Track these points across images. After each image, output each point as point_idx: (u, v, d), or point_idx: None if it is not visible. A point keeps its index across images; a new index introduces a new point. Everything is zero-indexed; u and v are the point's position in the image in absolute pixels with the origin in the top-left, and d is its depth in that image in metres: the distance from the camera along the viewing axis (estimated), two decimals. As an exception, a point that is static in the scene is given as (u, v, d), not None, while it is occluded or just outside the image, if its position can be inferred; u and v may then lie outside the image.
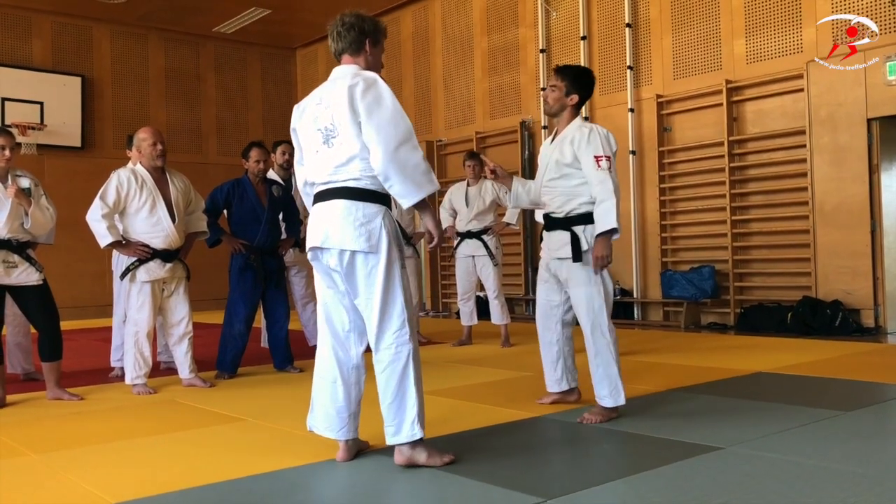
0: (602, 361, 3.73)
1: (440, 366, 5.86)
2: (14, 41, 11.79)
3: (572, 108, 3.86)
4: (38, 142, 11.53)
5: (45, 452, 3.50)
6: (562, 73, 3.87)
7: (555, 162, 3.82)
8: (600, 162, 3.69)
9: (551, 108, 3.89)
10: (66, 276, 10.42)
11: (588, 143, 3.72)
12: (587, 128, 3.81)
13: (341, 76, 3.10)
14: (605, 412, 3.73)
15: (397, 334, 3.00)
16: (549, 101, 3.88)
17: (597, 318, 3.75)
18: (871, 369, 5.17)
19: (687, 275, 8.46)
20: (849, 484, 2.69)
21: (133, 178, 4.95)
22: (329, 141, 3.04)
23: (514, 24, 10.69)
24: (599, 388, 3.74)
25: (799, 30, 7.85)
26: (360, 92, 2.95)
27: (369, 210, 3.01)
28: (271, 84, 14.07)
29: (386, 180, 2.95)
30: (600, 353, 3.74)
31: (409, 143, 2.96)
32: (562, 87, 3.83)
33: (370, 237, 2.98)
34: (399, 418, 2.97)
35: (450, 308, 11.42)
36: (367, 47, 3.16)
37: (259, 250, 5.59)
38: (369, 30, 3.17)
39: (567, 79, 3.84)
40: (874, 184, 7.37)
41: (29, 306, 4.75)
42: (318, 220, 3.08)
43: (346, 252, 2.99)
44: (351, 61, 3.16)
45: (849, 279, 7.45)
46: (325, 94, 3.10)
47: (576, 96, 3.84)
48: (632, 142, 9.21)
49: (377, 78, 3.03)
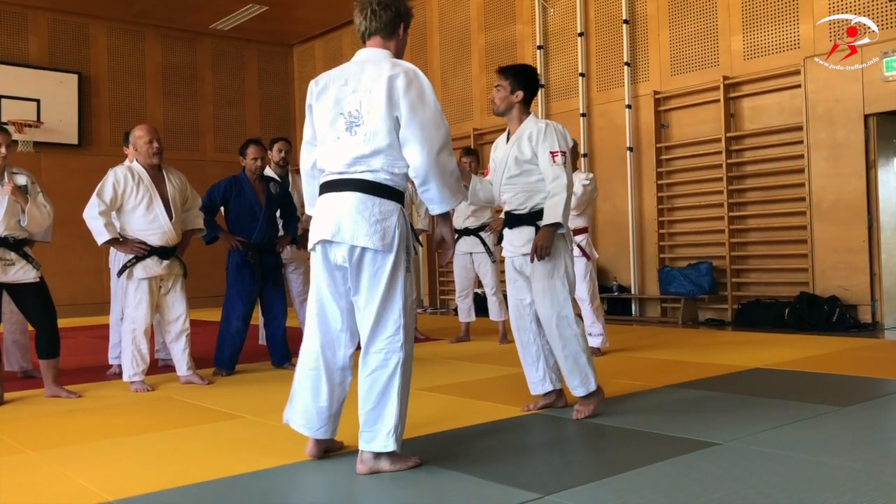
0: (571, 353, 3.71)
1: (438, 362, 5.86)
2: (10, 38, 11.76)
3: (520, 104, 3.88)
4: (35, 139, 11.51)
5: (42, 449, 3.50)
6: (503, 72, 3.89)
7: (514, 159, 3.81)
8: (556, 157, 3.70)
9: (499, 107, 3.91)
10: (64, 273, 10.41)
11: (545, 139, 3.75)
12: (543, 123, 3.83)
13: (372, 60, 2.92)
14: (589, 400, 3.74)
15: (389, 340, 2.87)
16: (495, 101, 3.90)
17: (562, 310, 3.71)
18: (868, 365, 5.19)
19: (684, 271, 8.47)
20: (845, 479, 2.70)
21: (130, 176, 4.94)
22: (352, 129, 2.87)
23: (511, 20, 10.68)
24: (570, 378, 3.74)
25: (796, 26, 7.85)
26: (402, 86, 2.80)
27: (386, 207, 2.86)
28: (268, 81, 14.06)
29: (424, 183, 2.84)
30: (568, 344, 3.71)
31: (448, 148, 2.87)
32: (505, 85, 3.86)
33: (384, 235, 2.84)
34: (376, 427, 2.86)
35: (448, 305, 11.43)
36: (400, 31, 3.00)
37: (256, 247, 5.59)
38: (404, 13, 3.01)
39: (509, 77, 3.86)
40: (871, 180, 7.38)
41: (26, 304, 4.75)
42: (329, 212, 2.90)
43: (356, 248, 2.85)
44: (381, 44, 2.98)
45: (846, 275, 7.46)
46: (351, 77, 2.91)
47: (520, 92, 3.85)
48: (629, 138, 9.21)
49: (418, 71, 2.88)
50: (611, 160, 9.43)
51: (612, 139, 9.41)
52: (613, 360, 5.68)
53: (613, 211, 9.38)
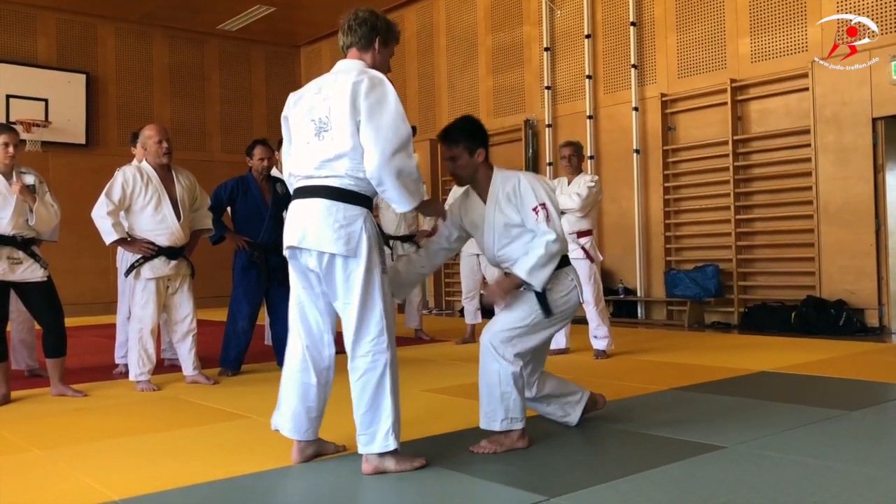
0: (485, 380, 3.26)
1: (444, 364, 5.86)
2: (19, 38, 11.81)
3: (483, 162, 3.38)
4: (43, 139, 11.55)
5: (48, 448, 3.51)
6: (451, 139, 3.36)
7: (503, 226, 3.35)
8: (538, 212, 3.27)
9: (464, 178, 3.42)
10: (71, 272, 10.44)
11: (523, 199, 3.30)
12: (512, 180, 3.36)
13: (345, 70, 3.01)
14: (497, 438, 3.28)
15: (374, 342, 2.90)
16: (459, 173, 3.40)
17: (503, 335, 3.26)
18: (875, 369, 5.17)
19: (691, 274, 8.45)
20: (853, 483, 2.69)
21: (138, 176, 4.95)
22: (321, 134, 2.94)
23: (518, 22, 10.68)
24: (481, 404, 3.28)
25: (804, 29, 7.83)
26: (364, 89, 2.86)
27: (350, 212, 2.90)
28: (275, 82, 14.08)
29: (379, 185, 2.88)
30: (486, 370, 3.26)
31: (406, 150, 2.88)
32: (461, 151, 3.34)
33: (349, 240, 2.88)
34: (373, 428, 2.89)
35: (453, 306, 11.42)
36: (376, 45, 3.07)
37: (262, 247, 5.60)
38: (381, 28, 3.09)
39: (462, 141, 3.34)
40: (879, 183, 7.35)
41: (33, 303, 4.76)
42: (295, 218, 2.99)
43: (324, 254, 2.91)
44: (357, 56, 3.07)
45: (853, 279, 7.43)
46: (325, 85, 3.00)
47: (482, 150, 3.37)
48: (636, 141, 9.20)
49: (384, 78, 2.94)
50: (617, 162, 9.42)
51: (619, 141, 9.40)
52: (619, 363, 5.67)
53: (620, 213, 9.37)
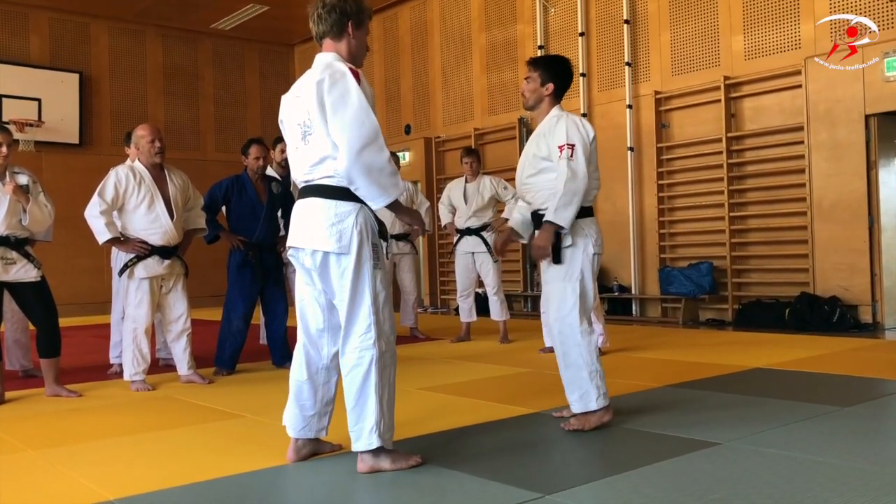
0: (572, 363, 3.49)
1: (439, 362, 5.87)
2: (11, 37, 11.77)
3: (550, 97, 3.63)
4: (36, 138, 11.52)
5: (43, 449, 3.51)
6: (535, 63, 3.67)
7: (532, 156, 3.61)
8: (562, 151, 3.44)
9: (528, 101, 3.68)
10: (65, 272, 10.42)
11: (554, 134, 3.52)
12: (557, 116, 3.60)
13: (316, 66, 2.98)
14: (587, 417, 3.48)
15: (362, 338, 2.88)
16: (525, 94, 3.68)
17: (567, 317, 3.49)
18: (869, 365, 5.19)
19: (685, 271, 8.47)
20: (846, 479, 2.70)
21: (131, 175, 4.95)
22: (306, 138, 2.94)
23: (512, 20, 10.68)
24: (569, 392, 3.52)
25: (797, 26, 7.85)
26: (326, 88, 2.83)
27: (342, 209, 2.89)
28: (269, 81, 14.06)
29: (351, 183, 2.84)
30: (568, 353, 3.50)
31: (375, 144, 2.81)
32: (536, 77, 3.62)
33: (341, 237, 2.87)
34: (359, 425, 2.88)
35: (448, 304, 11.43)
36: (349, 30, 3.00)
37: (258, 247, 5.59)
38: (352, 10, 3.00)
39: (540, 68, 3.63)
40: (872, 180, 7.38)
41: (27, 303, 4.75)
42: (295, 219, 3.02)
43: (318, 252, 2.91)
44: (332, 47, 3.01)
45: (846, 275, 7.46)
46: (303, 87, 2.97)
47: (551, 85, 3.61)
48: (630, 138, 9.21)
49: (346, 72, 2.86)
50: (611, 160, 9.42)
51: (613, 139, 9.40)
52: (614, 360, 5.68)
53: (614, 211, 9.38)
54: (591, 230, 3.55)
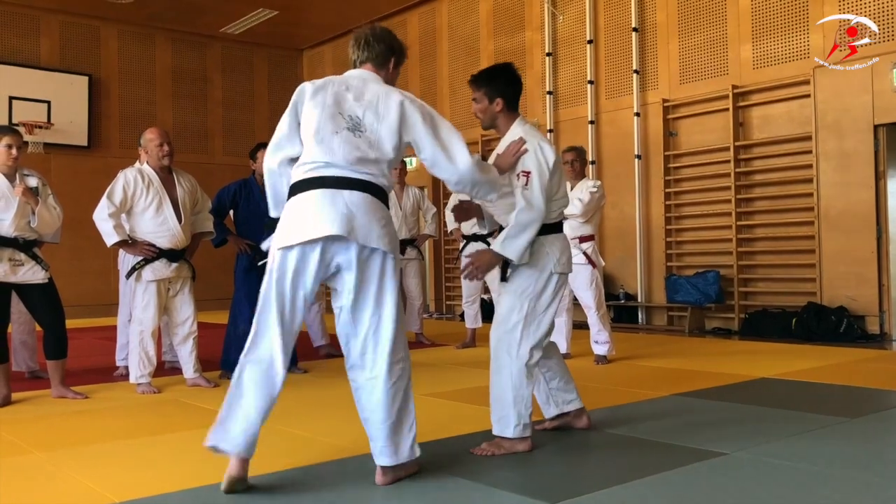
0: (497, 382, 3.27)
1: (444, 368, 5.86)
2: (22, 40, 11.83)
3: (503, 112, 3.46)
4: (45, 141, 11.57)
5: (49, 450, 3.52)
6: (476, 81, 3.46)
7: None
8: (518, 179, 3.29)
9: (483, 122, 3.53)
10: (72, 274, 10.45)
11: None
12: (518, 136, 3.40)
13: (372, 80, 3.00)
14: (501, 442, 3.27)
15: (405, 348, 2.89)
16: (478, 115, 3.53)
17: (507, 335, 3.28)
18: (876, 376, 5.16)
19: (691, 279, 8.45)
20: (853, 490, 2.69)
21: (140, 178, 4.96)
22: (356, 131, 2.86)
23: (520, 27, 10.69)
24: (492, 410, 3.30)
25: (806, 35, 7.84)
26: (418, 114, 2.89)
27: (387, 213, 2.91)
28: (278, 85, 14.11)
29: (473, 187, 2.98)
30: (498, 371, 3.28)
31: None
32: (481, 95, 3.44)
33: (391, 239, 2.85)
34: (398, 437, 2.83)
35: (453, 310, 11.42)
36: (391, 65, 3.09)
37: (265, 251, 5.59)
38: (397, 49, 3.10)
39: (483, 85, 3.43)
40: (880, 190, 7.36)
41: (35, 304, 4.77)
42: (335, 207, 2.74)
43: (366, 249, 2.78)
44: (373, 70, 3.05)
45: (854, 285, 7.43)
46: (353, 85, 2.95)
47: (500, 99, 3.42)
48: (637, 146, 9.21)
49: (421, 102, 3.01)
50: (619, 168, 9.43)
51: (621, 147, 9.41)
52: (620, 369, 5.67)
53: (621, 218, 9.37)
54: (554, 248, 3.36)
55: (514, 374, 3.24)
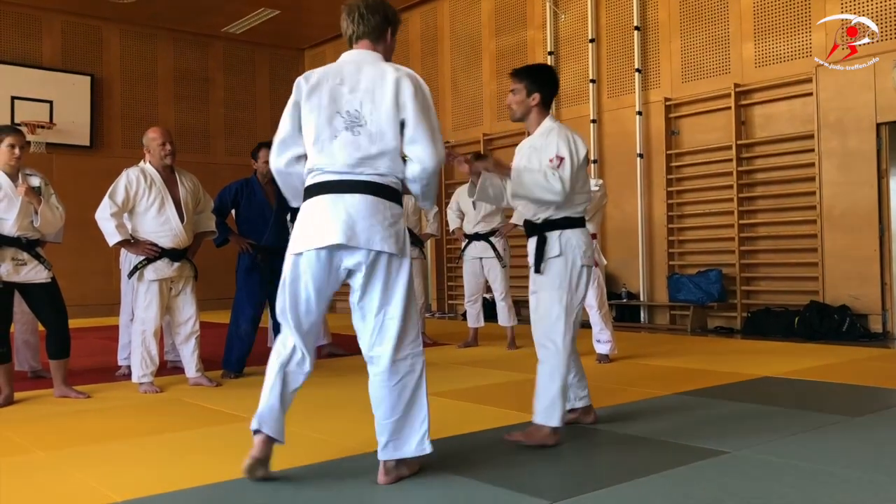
0: (546, 373, 3.40)
1: (446, 367, 5.86)
2: (24, 40, 11.85)
3: (537, 108, 3.61)
4: (48, 140, 11.59)
5: (51, 449, 3.52)
6: (519, 74, 3.64)
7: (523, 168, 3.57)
8: (552, 162, 3.44)
9: (515, 113, 3.65)
10: (74, 274, 10.44)
11: (546, 149, 3.51)
12: (549, 129, 3.57)
13: (367, 61, 2.89)
14: (538, 431, 3.38)
15: (414, 344, 2.85)
16: (512, 106, 3.65)
17: (551, 328, 3.41)
18: (879, 375, 5.16)
19: (694, 278, 8.44)
20: (856, 489, 2.69)
21: (142, 177, 4.97)
22: (354, 129, 2.80)
23: (522, 26, 10.69)
24: (537, 400, 3.41)
25: (808, 33, 7.83)
26: (410, 90, 2.81)
27: (395, 210, 2.84)
28: (280, 85, 14.11)
29: (427, 185, 2.90)
30: (546, 362, 3.41)
31: None
32: (521, 88, 3.60)
33: (398, 239, 2.80)
34: (406, 432, 2.82)
35: (455, 309, 11.42)
36: (388, 35, 2.99)
37: (266, 250, 5.60)
38: (392, 17, 3.00)
39: (525, 79, 3.61)
40: (883, 188, 7.35)
41: (37, 304, 4.77)
42: (335, 214, 2.76)
43: (372, 252, 2.77)
44: (370, 47, 2.95)
45: (856, 284, 7.42)
46: (347, 76, 2.86)
47: (538, 95, 3.58)
48: (639, 145, 9.20)
49: (419, 77, 2.89)
50: (621, 167, 9.42)
51: (623, 146, 9.40)
52: (622, 367, 5.67)
53: (623, 217, 9.37)
54: (580, 241, 3.50)
55: (561, 366, 3.39)
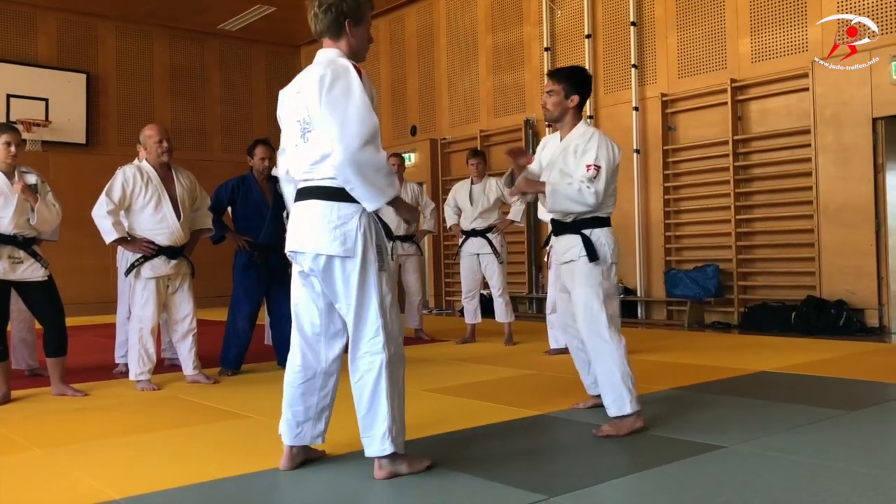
0: (602, 366, 3.53)
1: (444, 363, 5.87)
2: (19, 38, 11.81)
3: (574, 110, 3.71)
4: (43, 138, 11.56)
5: (49, 447, 3.52)
6: (558, 75, 3.74)
7: (559, 171, 3.68)
8: (588, 170, 3.55)
9: (552, 113, 3.72)
10: (71, 272, 10.43)
11: (585, 153, 3.60)
12: (589, 133, 3.68)
13: (317, 62, 2.90)
14: (621, 422, 3.48)
15: (371, 342, 2.83)
16: (548, 107, 3.72)
17: (595, 321, 3.56)
18: (875, 369, 5.17)
19: (691, 274, 8.45)
20: (852, 483, 2.69)
21: (139, 175, 4.96)
22: (305, 135, 2.86)
23: (518, 22, 10.68)
24: (603, 395, 3.55)
25: (804, 28, 7.83)
26: (328, 82, 2.75)
27: (345, 211, 2.82)
28: (276, 81, 14.07)
29: (346, 182, 2.75)
30: (599, 356, 3.55)
31: (374, 143, 2.74)
32: (559, 90, 3.68)
33: (345, 240, 2.80)
34: (372, 432, 2.84)
35: (453, 306, 11.42)
36: (347, 29, 2.91)
37: (263, 247, 5.60)
38: (349, 9, 2.90)
39: (564, 80, 3.69)
40: (879, 183, 7.35)
41: (34, 302, 4.77)
42: (295, 222, 2.94)
43: (321, 256, 2.83)
44: (332, 45, 2.94)
45: (853, 279, 7.43)
46: (302, 83, 2.90)
47: (576, 97, 3.69)
48: (636, 140, 9.20)
49: (349, 67, 2.79)
50: (617, 162, 9.40)
51: (619, 141, 9.11)
52: (619, 363, 5.67)
53: (620, 213, 9.33)
54: (609, 240, 3.68)
55: (616, 355, 3.51)
